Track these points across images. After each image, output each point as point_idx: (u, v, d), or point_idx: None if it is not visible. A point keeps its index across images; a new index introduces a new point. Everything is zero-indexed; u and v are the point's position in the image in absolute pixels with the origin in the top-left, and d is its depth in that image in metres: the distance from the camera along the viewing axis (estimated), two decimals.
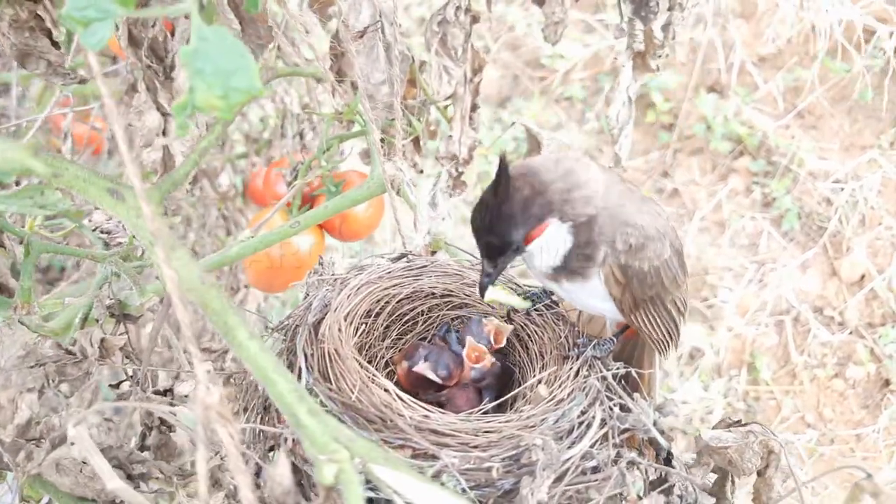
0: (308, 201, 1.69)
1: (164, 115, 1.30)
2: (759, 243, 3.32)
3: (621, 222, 1.06)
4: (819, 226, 3.28)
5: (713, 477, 1.04)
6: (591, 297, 1.13)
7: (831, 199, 3.28)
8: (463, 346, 1.22)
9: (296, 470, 0.99)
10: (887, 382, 2.98)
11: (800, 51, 3.55)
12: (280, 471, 0.64)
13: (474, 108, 1.22)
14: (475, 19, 1.19)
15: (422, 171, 1.52)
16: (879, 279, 3.11)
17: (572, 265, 1.09)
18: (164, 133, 1.31)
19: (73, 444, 0.91)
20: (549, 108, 3.76)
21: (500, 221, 1.06)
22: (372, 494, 0.84)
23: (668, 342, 1.18)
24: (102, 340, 1.10)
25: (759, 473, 0.95)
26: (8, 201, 0.77)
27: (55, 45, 1.08)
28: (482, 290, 1.15)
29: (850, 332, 3.09)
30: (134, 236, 1.21)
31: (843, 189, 3.26)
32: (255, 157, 2.53)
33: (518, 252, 1.09)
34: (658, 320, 1.14)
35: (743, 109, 3.53)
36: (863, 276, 3.16)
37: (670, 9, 1.05)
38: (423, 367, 1.20)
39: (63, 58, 1.09)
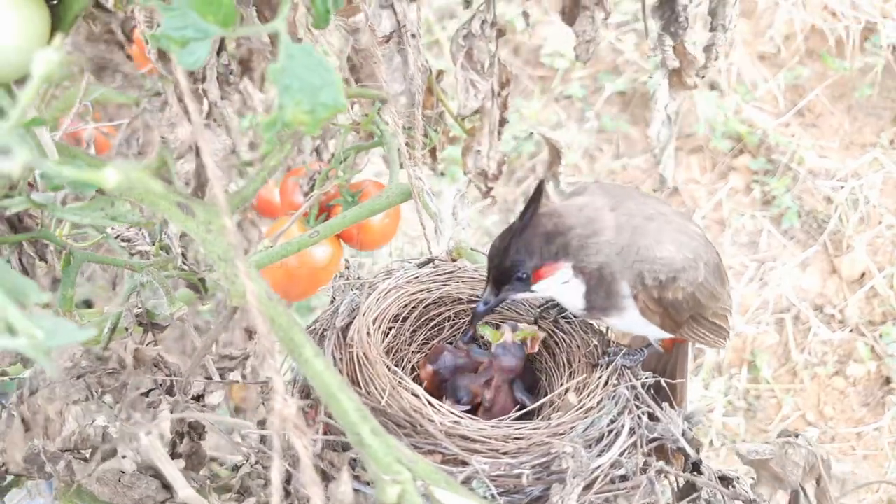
0: (324, 211, 1.70)
1: None
2: (760, 242, 3.34)
3: (643, 258, 1.07)
4: (819, 224, 3.30)
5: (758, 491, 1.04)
6: (634, 325, 1.15)
7: (831, 197, 3.30)
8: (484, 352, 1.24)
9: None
10: (888, 380, 3.00)
11: (800, 49, 3.57)
12: (343, 489, 0.65)
13: (503, 122, 1.23)
14: (501, 33, 1.19)
15: (443, 174, 1.53)
16: (880, 277, 3.13)
17: (598, 304, 1.11)
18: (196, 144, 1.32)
19: (124, 457, 0.92)
20: (549, 107, 3.77)
21: (518, 246, 1.08)
22: None
23: (720, 342, 1.20)
24: (136, 351, 1.11)
25: (818, 482, 0.97)
26: (81, 213, 0.79)
27: (129, 58, 1.09)
28: (476, 318, 1.17)
29: (851, 331, 3.11)
30: (161, 247, 1.23)
31: (843, 187, 3.28)
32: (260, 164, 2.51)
33: (524, 286, 1.11)
34: (703, 330, 1.16)
35: (743, 107, 3.54)
36: (863, 275, 3.18)
37: (713, 30, 1.06)
38: (446, 356, 1.22)
39: (137, 70, 1.11)
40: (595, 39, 1.09)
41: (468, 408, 1.19)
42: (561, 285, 1.10)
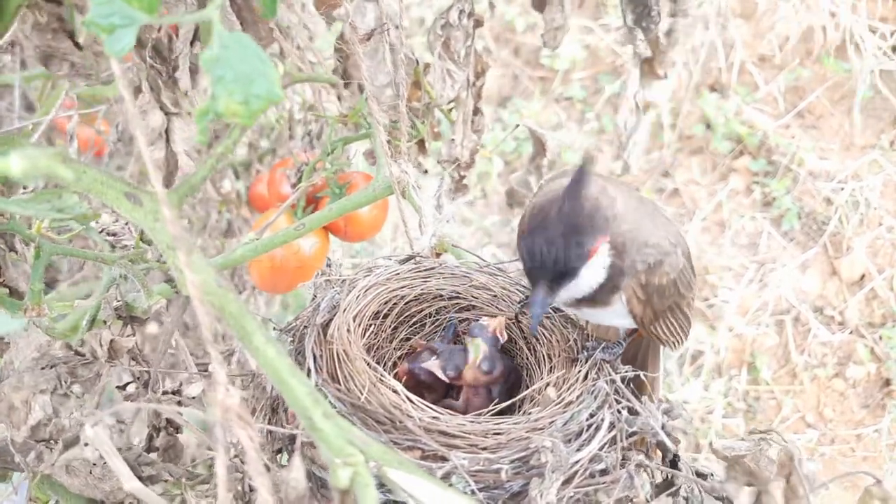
0: (312, 202, 1.69)
1: (168, 114, 1.31)
2: (760, 243, 3.32)
3: (641, 242, 1.03)
4: (819, 225, 3.29)
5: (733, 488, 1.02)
6: (613, 318, 1.11)
7: (831, 199, 3.28)
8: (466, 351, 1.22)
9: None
10: (888, 382, 2.99)
11: (800, 51, 3.55)
12: (294, 475, 0.64)
13: (476, 111, 1.22)
14: (478, 23, 1.19)
15: (426, 171, 1.52)
16: (880, 279, 3.11)
17: (599, 297, 1.04)
18: (167, 133, 1.31)
19: (86, 444, 0.91)
20: (549, 108, 3.76)
21: (572, 233, 0.98)
22: (386, 497, 0.84)
23: (681, 340, 1.17)
24: (111, 342, 1.10)
25: (787, 480, 0.95)
26: (26, 205, 0.77)
27: (77, 46, 1.08)
28: (535, 319, 1.04)
29: (851, 332, 3.10)
30: (142, 239, 1.21)
31: (843, 189, 3.27)
32: (258, 164, 2.51)
33: (574, 275, 1.00)
34: (675, 325, 1.13)
35: (743, 109, 3.53)
36: (863, 276, 3.17)
37: (673, 15, 1.05)
38: (431, 365, 1.20)
39: (86, 59, 1.10)
40: (564, 27, 1.08)
41: (448, 381, 1.19)
42: (593, 270, 1.01)
